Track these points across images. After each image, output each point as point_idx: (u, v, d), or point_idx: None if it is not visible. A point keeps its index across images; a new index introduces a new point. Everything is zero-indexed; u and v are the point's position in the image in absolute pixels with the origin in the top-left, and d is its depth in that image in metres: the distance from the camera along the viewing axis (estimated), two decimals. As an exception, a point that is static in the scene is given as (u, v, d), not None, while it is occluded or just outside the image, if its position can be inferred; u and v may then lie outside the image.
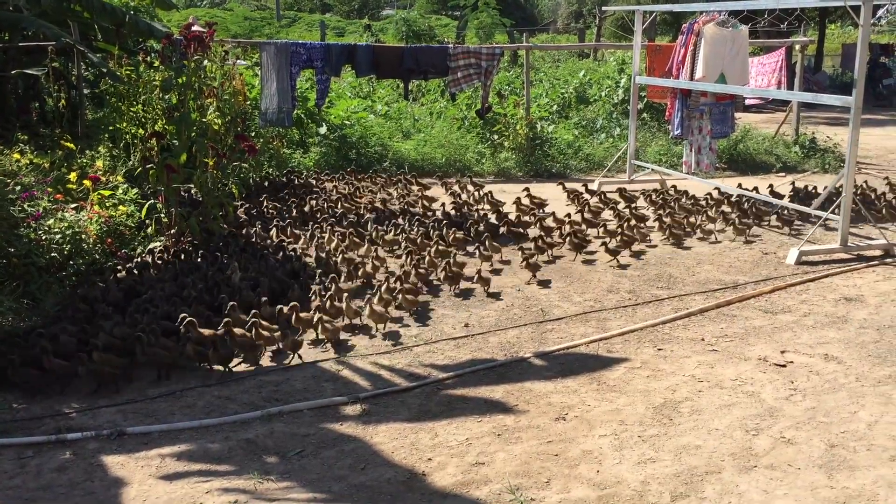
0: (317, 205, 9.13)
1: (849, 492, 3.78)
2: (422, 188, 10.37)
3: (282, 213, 8.81)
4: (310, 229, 7.91)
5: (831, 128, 15.60)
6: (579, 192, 9.89)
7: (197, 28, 7.85)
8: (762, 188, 9.81)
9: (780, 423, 4.45)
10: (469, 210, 9.19)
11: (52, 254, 6.26)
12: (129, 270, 6.60)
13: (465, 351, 5.54)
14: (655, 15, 16.02)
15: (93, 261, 6.63)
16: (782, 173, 12.52)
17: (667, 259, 7.68)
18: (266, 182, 10.41)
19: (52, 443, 4.30)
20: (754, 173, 12.52)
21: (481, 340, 5.73)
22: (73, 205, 7.04)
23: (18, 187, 6.57)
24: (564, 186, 10.09)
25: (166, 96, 7.70)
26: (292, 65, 9.68)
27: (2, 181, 6.33)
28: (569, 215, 8.67)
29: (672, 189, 10.16)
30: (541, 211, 9.10)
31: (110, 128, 8.61)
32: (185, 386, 5.00)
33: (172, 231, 7.50)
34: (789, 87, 13.89)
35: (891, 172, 12.04)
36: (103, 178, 7.77)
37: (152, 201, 7.66)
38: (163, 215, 7.61)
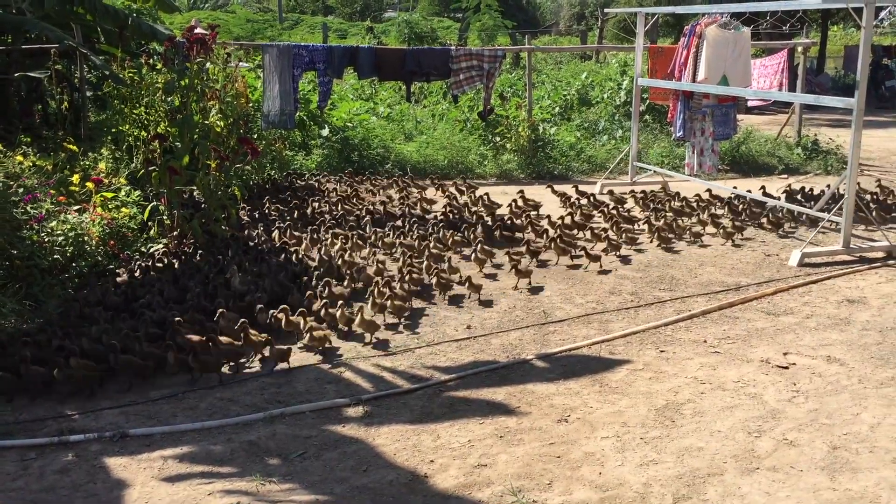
0: (318, 207, 9.14)
1: (851, 494, 3.78)
2: (420, 190, 10.36)
3: (283, 215, 8.81)
4: (309, 232, 7.90)
5: (833, 130, 15.60)
6: (569, 195, 9.76)
7: (199, 30, 7.88)
8: (761, 190, 9.80)
9: (782, 425, 4.44)
10: (465, 213, 9.11)
11: (55, 256, 6.27)
12: (130, 273, 6.59)
13: (467, 353, 5.54)
14: (657, 17, 16.04)
15: (95, 263, 6.64)
16: (785, 175, 12.51)
17: (669, 261, 7.67)
18: (268, 184, 10.42)
19: (55, 444, 4.30)
20: (756, 175, 12.51)
21: (483, 342, 5.73)
22: (76, 207, 7.06)
23: (21, 189, 6.58)
24: (553, 189, 10.02)
25: (169, 99, 7.71)
26: (294, 67, 9.68)
27: (5, 183, 6.34)
28: (562, 218, 8.60)
29: (662, 191, 10.08)
30: (535, 213, 9.05)
31: (113, 130, 8.63)
32: (187, 388, 5.00)
33: (175, 233, 7.51)
34: (791, 88, 13.89)
35: (893, 174, 12.04)
36: (106, 181, 7.79)
37: (155, 203, 7.67)
38: (165, 217, 7.63)
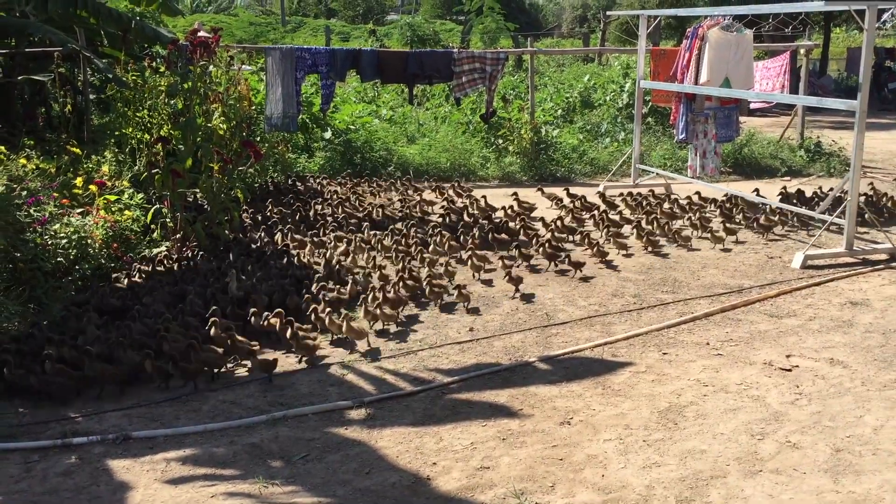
0: (322, 209, 9.14)
1: (854, 496, 3.77)
2: (418, 192, 10.36)
3: (286, 218, 8.80)
4: (309, 235, 7.89)
5: (836, 132, 15.58)
6: (560, 197, 9.65)
7: (202, 33, 7.91)
8: (763, 192, 9.79)
9: (785, 428, 4.44)
10: (461, 216, 9.04)
11: (58, 258, 6.28)
12: (129, 277, 6.58)
13: (469, 355, 5.54)
14: (660, 19, 16.04)
15: (98, 265, 6.65)
16: (787, 177, 12.49)
17: (672, 263, 7.66)
18: (271, 187, 10.43)
19: (58, 447, 4.31)
20: (759, 177, 12.49)
21: (486, 345, 5.73)
22: (79, 210, 7.07)
23: (25, 192, 6.61)
24: (543, 191, 9.95)
25: (172, 101, 7.74)
26: (297, 70, 9.70)
27: (8, 186, 6.37)
28: (553, 222, 8.46)
29: (651, 194, 10.00)
30: (529, 216, 9.03)
31: (116, 133, 8.65)
32: (190, 390, 5.01)
33: (178, 236, 7.53)
34: (794, 91, 13.88)
35: (896, 176, 12.03)
36: (109, 183, 7.80)
37: (158, 206, 7.69)
38: (168, 220, 7.64)
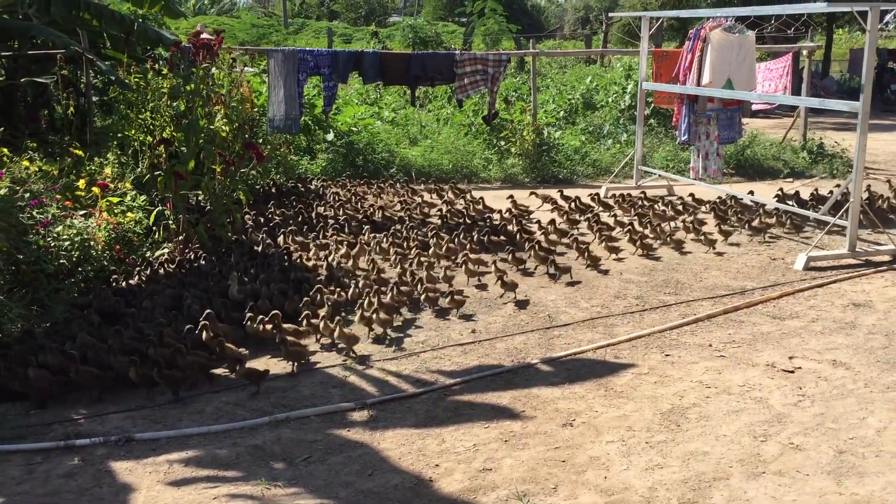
0: (324, 211, 9.13)
1: (857, 498, 3.76)
2: (410, 193, 10.34)
3: (288, 220, 8.80)
4: (311, 237, 7.88)
5: (839, 133, 15.56)
6: (554, 199, 9.57)
7: (205, 36, 7.92)
8: (764, 194, 9.77)
9: (788, 430, 4.43)
10: (459, 218, 9.04)
11: (61, 260, 6.28)
12: (127, 279, 6.55)
13: (472, 357, 5.54)
14: (662, 21, 16.04)
15: (101, 267, 6.66)
16: (790, 179, 12.49)
17: (674, 265, 7.66)
18: (273, 188, 10.44)
19: (61, 449, 4.31)
20: (762, 179, 12.48)
21: (488, 346, 5.73)
22: (82, 212, 7.08)
23: (27, 194, 6.60)
24: (536, 194, 9.87)
25: (174, 103, 7.74)
26: (299, 72, 9.70)
27: (11, 188, 6.36)
28: (550, 223, 8.44)
29: (642, 196, 9.95)
30: (525, 219, 9.00)
31: (119, 135, 8.67)
32: (194, 392, 5.01)
33: (180, 238, 7.54)
34: (796, 92, 13.86)
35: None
36: (112, 185, 7.81)
37: (160, 208, 7.70)
38: (171, 222, 7.65)
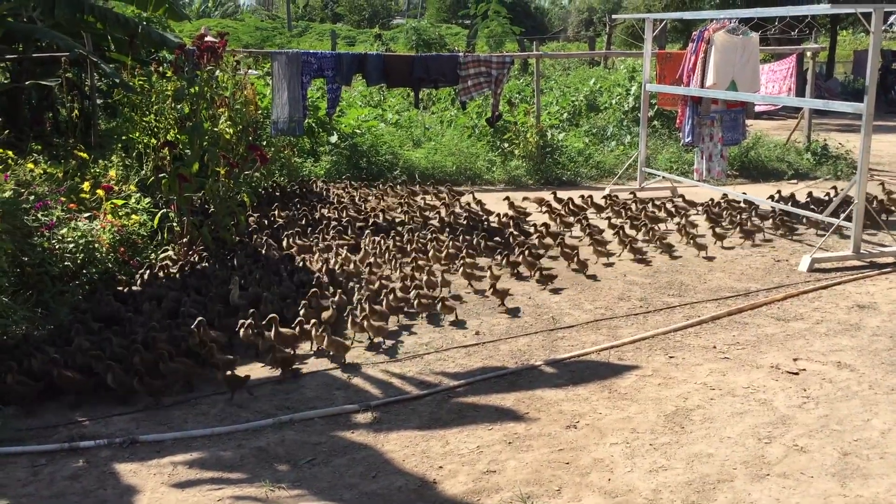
0: (327, 213, 9.13)
1: (862, 500, 3.76)
2: (410, 196, 10.35)
3: (291, 222, 8.81)
4: (312, 240, 7.87)
5: (843, 134, 15.53)
6: (548, 201, 9.53)
7: (209, 38, 7.93)
8: (766, 195, 9.75)
9: (792, 431, 4.43)
10: (459, 221, 9.01)
11: (66, 263, 6.29)
12: (129, 283, 6.55)
13: (475, 359, 5.54)
14: (666, 22, 16.02)
15: (106, 270, 6.67)
16: (794, 180, 12.47)
17: (678, 267, 7.65)
18: (276, 191, 10.44)
19: (65, 451, 4.32)
20: (766, 180, 12.47)
21: (492, 348, 5.72)
22: (87, 214, 7.09)
23: (32, 197, 6.62)
24: (529, 199, 9.79)
25: (178, 106, 7.75)
26: (303, 74, 9.72)
27: (16, 191, 6.38)
28: (542, 226, 8.37)
29: (632, 198, 9.89)
30: (522, 221, 8.97)
31: (123, 137, 8.68)
32: (199, 394, 5.02)
33: (184, 240, 7.55)
34: (800, 93, 13.84)
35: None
36: (116, 188, 7.82)
37: (164, 210, 7.71)
38: (175, 224, 7.66)
